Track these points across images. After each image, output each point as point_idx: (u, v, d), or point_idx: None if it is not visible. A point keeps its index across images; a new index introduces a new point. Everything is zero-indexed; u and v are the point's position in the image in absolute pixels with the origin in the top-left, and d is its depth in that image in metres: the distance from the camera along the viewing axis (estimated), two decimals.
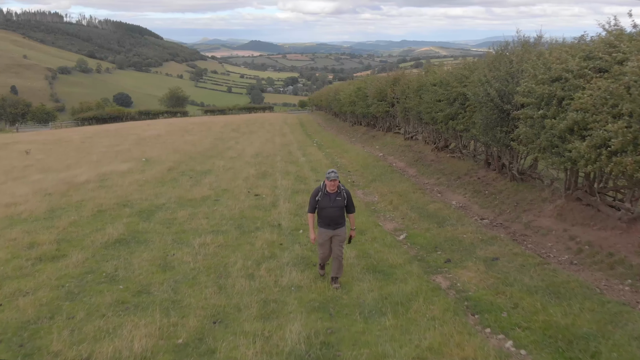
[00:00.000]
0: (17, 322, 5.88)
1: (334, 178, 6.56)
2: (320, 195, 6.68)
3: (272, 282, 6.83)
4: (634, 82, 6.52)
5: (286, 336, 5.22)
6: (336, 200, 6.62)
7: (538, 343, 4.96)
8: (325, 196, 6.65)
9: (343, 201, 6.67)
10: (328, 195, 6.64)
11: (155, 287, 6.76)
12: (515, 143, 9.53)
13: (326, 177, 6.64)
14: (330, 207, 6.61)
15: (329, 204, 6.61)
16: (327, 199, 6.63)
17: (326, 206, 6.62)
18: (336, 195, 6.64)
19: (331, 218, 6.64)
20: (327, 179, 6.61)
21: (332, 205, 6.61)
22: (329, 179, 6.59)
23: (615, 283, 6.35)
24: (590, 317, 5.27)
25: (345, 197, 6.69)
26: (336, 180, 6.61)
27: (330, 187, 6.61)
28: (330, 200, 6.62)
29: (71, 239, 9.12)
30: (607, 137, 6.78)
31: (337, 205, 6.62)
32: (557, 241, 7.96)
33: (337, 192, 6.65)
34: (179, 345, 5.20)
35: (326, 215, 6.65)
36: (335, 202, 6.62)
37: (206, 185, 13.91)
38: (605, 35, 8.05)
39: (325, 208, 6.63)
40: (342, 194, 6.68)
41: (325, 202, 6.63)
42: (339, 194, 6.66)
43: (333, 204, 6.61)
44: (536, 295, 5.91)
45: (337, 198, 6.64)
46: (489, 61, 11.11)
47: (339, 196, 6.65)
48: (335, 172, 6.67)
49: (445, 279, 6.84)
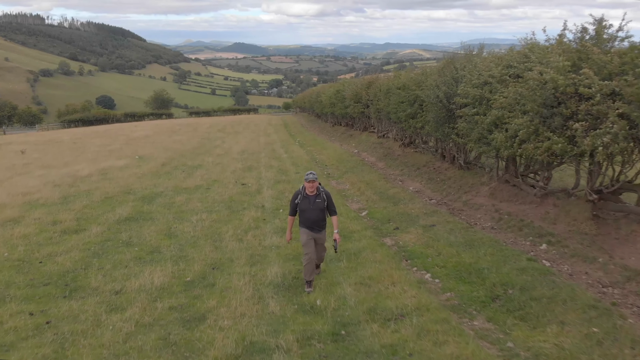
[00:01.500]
0: (58, 272, 7.65)
1: (312, 179, 6.54)
2: (299, 198, 6.65)
3: (257, 243, 8.70)
4: (536, 86, 8.53)
5: (267, 274, 7.10)
6: (316, 202, 6.60)
7: (448, 275, 6.93)
8: (305, 198, 6.62)
9: (323, 203, 6.64)
10: (307, 198, 6.61)
11: (164, 248, 8.58)
12: (457, 137, 11.53)
13: (305, 179, 6.62)
14: (310, 210, 6.59)
15: (309, 206, 6.60)
16: (306, 202, 6.61)
17: (306, 208, 6.60)
18: (316, 198, 6.61)
19: (312, 220, 6.61)
20: (306, 180, 6.59)
21: (312, 207, 6.59)
22: (307, 180, 6.57)
23: (520, 240, 8.35)
24: (489, 259, 7.25)
25: (325, 199, 6.66)
26: (315, 181, 6.58)
27: (309, 189, 6.59)
28: (310, 202, 6.60)
29: (87, 217, 10.88)
30: (517, 129, 8.77)
31: (317, 207, 6.60)
32: (485, 213, 9.96)
33: (316, 194, 6.63)
34: (187, 281, 7.04)
35: (307, 217, 6.62)
36: (315, 204, 6.60)
37: (198, 177, 15.71)
38: (521, 47, 10.08)
39: (306, 210, 6.61)
40: (321, 195, 6.65)
41: (305, 204, 6.61)
42: (319, 195, 6.63)
43: (313, 205, 6.59)
44: (455, 247, 7.89)
45: (317, 200, 6.61)
46: (439, 68, 13.14)
47: (318, 198, 6.62)
48: (314, 173, 6.67)
49: (391, 239, 8.80)
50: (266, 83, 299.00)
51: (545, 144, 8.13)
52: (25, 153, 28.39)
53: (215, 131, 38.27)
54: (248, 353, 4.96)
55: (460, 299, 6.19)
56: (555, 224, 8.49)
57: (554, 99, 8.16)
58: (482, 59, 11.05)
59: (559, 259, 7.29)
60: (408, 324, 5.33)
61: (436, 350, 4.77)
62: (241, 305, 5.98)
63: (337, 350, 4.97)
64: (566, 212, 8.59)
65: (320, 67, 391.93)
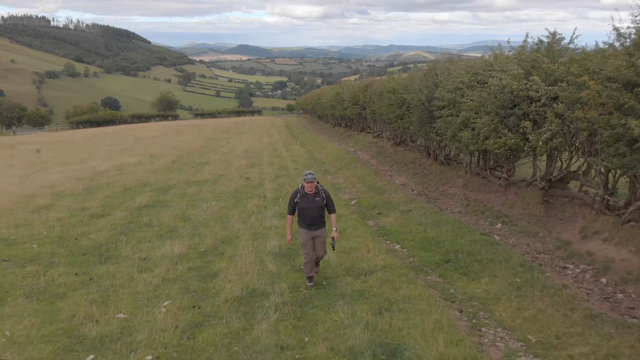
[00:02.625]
0: (92, 245, 9.19)
1: (311, 180, 6.66)
2: (298, 197, 6.78)
3: (259, 224, 10.23)
4: (496, 90, 10.02)
5: (267, 246, 8.62)
6: (315, 201, 6.72)
7: (414, 246, 8.45)
8: (304, 197, 6.75)
9: (322, 201, 6.76)
10: (307, 196, 6.74)
11: (180, 228, 10.12)
12: (436, 135, 13.03)
13: (303, 178, 6.75)
14: (309, 208, 6.72)
15: (308, 204, 6.72)
16: (305, 200, 6.74)
17: (305, 207, 6.73)
18: (315, 196, 6.74)
19: (311, 218, 6.73)
20: (305, 180, 6.70)
21: (311, 205, 6.71)
22: (306, 180, 6.68)
23: (480, 221, 9.85)
24: (449, 234, 8.75)
25: (324, 197, 6.79)
26: (313, 182, 6.70)
27: (308, 189, 6.71)
28: (309, 200, 6.73)
29: (111, 205, 12.44)
30: (480, 127, 10.27)
31: (316, 205, 6.72)
32: (457, 201, 11.47)
33: (315, 193, 6.75)
34: (202, 251, 8.57)
35: (306, 215, 6.75)
36: (314, 203, 6.72)
37: (206, 172, 17.26)
38: (489, 56, 11.58)
39: (305, 209, 6.73)
40: (320, 194, 6.78)
41: (304, 203, 6.74)
42: (318, 194, 6.76)
43: (312, 204, 6.71)
44: (424, 226, 9.42)
45: (316, 198, 6.73)
46: (422, 74, 14.65)
47: (317, 196, 6.74)
48: (313, 173, 6.79)
49: (373, 222, 10.32)
50: (270, 85, 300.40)
51: (502, 140, 9.63)
52: (41, 152, 30.05)
53: (220, 132, 39.86)
54: (251, 296, 6.48)
55: (420, 262, 7.71)
56: (512, 208, 9.99)
57: (510, 102, 9.66)
58: (456, 66, 12.53)
59: (508, 235, 8.80)
60: (375, 277, 6.85)
61: (393, 292, 6.28)
62: (245, 266, 7.50)
63: (319, 294, 6.49)
64: (522, 198, 10.09)
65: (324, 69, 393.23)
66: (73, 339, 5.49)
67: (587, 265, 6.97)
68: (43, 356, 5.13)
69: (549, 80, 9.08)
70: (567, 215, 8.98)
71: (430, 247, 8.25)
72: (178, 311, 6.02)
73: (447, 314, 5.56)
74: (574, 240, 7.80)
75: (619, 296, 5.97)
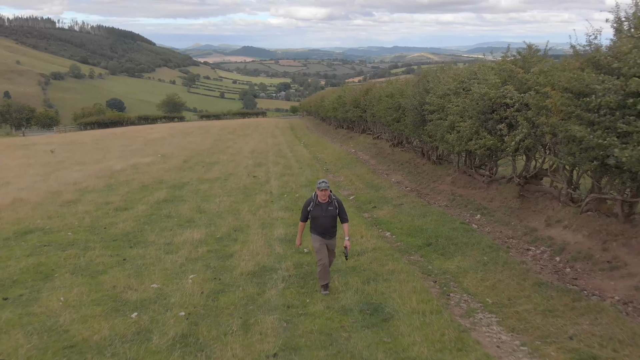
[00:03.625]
0: (120, 233, 10.47)
1: (324, 188, 6.66)
2: (312, 206, 6.78)
3: (267, 216, 11.50)
4: (478, 97, 11.26)
5: (274, 233, 9.89)
6: (328, 210, 6.73)
7: (402, 233, 9.72)
8: (317, 206, 6.76)
9: (335, 210, 6.77)
10: (320, 205, 6.75)
11: (197, 219, 11.40)
12: (427, 137, 14.28)
13: (317, 187, 6.75)
14: (322, 217, 6.74)
15: (321, 213, 6.73)
16: (319, 209, 6.75)
17: (318, 215, 6.74)
18: (328, 205, 6.75)
19: (324, 227, 6.77)
20: (318, 189, 6.71)
21: (324, 214, 6.73)
22: (319, 188, 6.68)
23: (462, 213, 11.10)
24: (433, 223, 10.01)
25: (337, 207, 6.79)
26: (327, 190, 6.70)
27: (321, 197, 6.73)
28: (322, 210, 6.73)
29: (132, 199, 13.74)
30: (464, 130, 11.51)
31: (329, 214, 6.74)
32: (444, 196, 12.72)
33: (328, 202, 6.77)
34: (218, 237, 9.84)
35: (319, 224, 6.78)
36: (327, 212, 6.73)
37: (216, 171, 18.56)
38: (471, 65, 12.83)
39: (318, 217, 6.75)
40: (333, 203, 6.78)
41: (317, 211, 6.75)
42: (331, 203, 6.77)
43: (325, 213, 6.73)
44: (412, 217, 10.68)
45: (329, 208, 6.74)
46: (415, 80, 15.91)
47: (330, 206, 6.75)
48: (326, 182, 6.78)
49: (368, 214, 11.59)
50: (274, 86, 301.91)
51: (482, 141, 10.88)
52: (55, 152, 31.41)
53: (227, 133, 41.19)
54: (262, 271, 7.75)
55: (405, 245, 8.98)
56: (491, 201, 11.23)
57: (489, 108, 10.90)
58: (445, 74, 13.77)
59: (485, 224, 10.05)
60: (366, 257, 8.11)
61: (380, 267, 7.55)
62: (256, 249, 8.77)
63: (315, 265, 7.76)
64: (501, 193, 11.33)
65: (328, 71, 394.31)
66: (118, 303, 6.76)
67: (546, 247, 8.22)
68: (95, 314, 6.40)
69: (523, 88, 10.31)
70: (538, 207, 10.21)
71: (415, 234, 9.51)
72: (202, 282, 7.30)
73: (423, 283, 6.83)
74: (540, 228, 9.05)
75: (566, 270, 7.22)
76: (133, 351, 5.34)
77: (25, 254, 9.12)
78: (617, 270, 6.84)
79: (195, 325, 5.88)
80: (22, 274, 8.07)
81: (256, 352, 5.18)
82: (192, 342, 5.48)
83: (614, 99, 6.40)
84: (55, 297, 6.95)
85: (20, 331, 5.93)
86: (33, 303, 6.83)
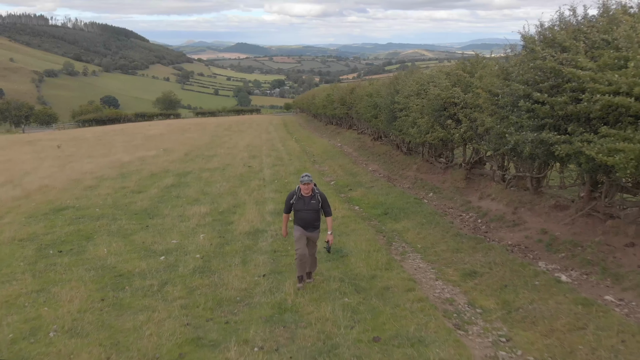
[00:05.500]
0: (139, 209, 12.82)
1: (307, 182, 6.71)
2: (294, 199, 6.83)
3: (260, 196, 13.89)
4: (433, 98, 13.67)
5: (266, 208, 12.28)
6: (310, 204, 6.78)
7: (368, 206, 12.17)
8: (300, 199, 6.80)
9: (318, 204, 6.81)
10: (302, 199, 6.79)
11: (202, 199, 13.77)
12: (396, 131, 16.72)
13: (300, 180, 6.81)
14: (304, 210, 6.79)
15: (303, 206, 6.79)
16: (301, 202, 6.80)
17: (301, 209, 6.80)
18: (310, 199, 6.79)
19: (306, 221, 6.83)
20: (301, 182, 6.75)
21: (306, 208, 6.78)
22: (302, 182, 6.73)
23: (419, 192, 13.54)
24: (393, 199, 12.45)
25: (320, 200, 6.85)
26: (310, 183, 6.74)
27: (304, 191, 6.77)
28: (305, 203, 6.78)
29: (144, 185, 16.09)
30: (422, 125, 13.92)
31: (311, 208, 6.78)
32: (409, 180, 15.17)
33: (311, 196, 6.81)
34: (220, 211, 12.23)
35: (301, 217, 6.84)
36: (309, 205, 6.77)
37: (215, 162, 20.93)
38: (430, 70, 15.26)
39: (300, 211, 6.81)
40: (316, 197, 6.82)
41: (299, 205, 6.80)
42: (314, 197, 6.82)
43: (307, 206, 6.77)
44: (378, 195, 13.12)
45: (312, 201, 6.78)
46: (388, 81, 18.33)
47: (313, 199, 6.79)
48: (309, 175, 6.85)
49: (344, 195, 14.03)
50: (268, 83, 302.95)
51: (436, 134, 13.31)
52: (61, 147, 33.58)
53: (222, 130, 43.46)
54: (255, 231, 10.16)
55: (368, 214, 11.44)
56: (444, 183, 13.69)
57: (441, 106, 13.31)
58: (412, 78, 16.18)
59: (435, 199, 12.50)
60: (336, 222, 10.45)
61: (345, 227, 9.99)
62: (251, 218, 11.17)
63: None
64: (452, 176, 13.78)
65: (323, 68, 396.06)
66: (148, 251, 9.14)
67: (474, 213, 10.68)
68: (133, 258, 8.77)
69: (467, 90, 12.74)
70: (480, 187, 12.65)
71: (377, 207, 11.97)
72: (210, 238, 9.71)
73: (374, 236, 9.29)
74: (474, 200, 11.52)
75: (482, 227, 9.68)
76: (166, 276, 7.74)
77: (66, 223, 11.47)
78: (518, 226, 9.31)
79: (208, 262, 8.30)
80: (67, 236, 10.42)
81: (251, 274, 7.61)
82: (206, 270, 7.90)
83: (509, 99, 8.84)
84: (100, 249, 9.33)
85: (80, 268, 8.32)
86: (83, 253, 9.20)
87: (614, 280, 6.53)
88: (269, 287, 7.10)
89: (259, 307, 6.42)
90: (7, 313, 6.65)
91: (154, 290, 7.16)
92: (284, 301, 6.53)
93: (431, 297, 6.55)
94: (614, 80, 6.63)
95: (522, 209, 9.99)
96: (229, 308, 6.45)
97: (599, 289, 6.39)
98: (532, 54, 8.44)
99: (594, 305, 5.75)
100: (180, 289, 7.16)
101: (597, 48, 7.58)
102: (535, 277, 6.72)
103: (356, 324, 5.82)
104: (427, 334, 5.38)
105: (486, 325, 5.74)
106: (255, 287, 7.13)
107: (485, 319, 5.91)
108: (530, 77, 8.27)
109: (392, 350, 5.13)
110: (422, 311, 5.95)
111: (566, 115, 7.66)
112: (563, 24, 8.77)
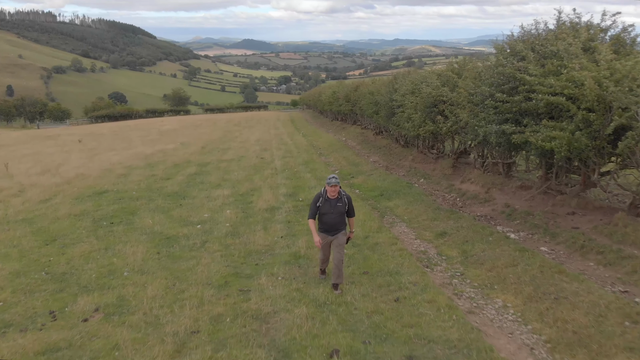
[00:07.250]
0: (170, 192, 14.92)
1: (334, 184, 6.57)
2: (321, 201, 6.68)
3: (273, 182, 15.97)
4: (425, 95, 15.66)
5: (280, 192, 14.35)
6: (337, 206, 6.65)
7: (367, 189, 14.22)
8: (326, 202, 6.66)
9: (344, 207, 6.70)
10: (329, 201, 6.66)
11: (223, 184, 15.86)
12: (394, 126, 18.74)
13: (327, 182, 6.65)
14: (330, 213, 6.65)
15: (329, 209, 6.65)
16: (327, 205, 6.66)
17: (327, 212, 6.66)
18: (337, 201, 6.66)
19: (331, 224, 6.69)
20: (328, 184, 6.60)
21: (332, 211, 6.64)
22: (329, 184, 6.58)
23: (412, 178, 15.56)
24: (388, 184, 14.49)
25: (346, 203, 6.74)
26: (337, 185, 6.59)
27: (330, 193, 6.63)
28: (331, 206, 6.65)
29: (170, 173, 18.22)
30: (415, 120, 15.92)
31: (337, 211, 6.65)
32: (404, 169, 17.20)
33: (338, 198, 6.68)
34: (240, 194, 14.31)
35: (326, 221, 6.70)
36: (335, 208, 6.64)
37: (230, 154, 23.04)
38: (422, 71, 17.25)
39: (326, 214, 6.67)
40: (343, 199, 6.70)
41: (326, 208, 6.66)
42: (340, 199, 6.69)
43: (334, 209, 6.64)
44: (376, 181, 15.17)
45: (338, 204, 6.66)
46: (388, 81, 20.33)
47: (339, 202, 6.67)
48: (336, 177, 6.67)
49: (347, 181, 16.09)
50: (275, 80, 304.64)
51: (427, 128, 15.32)
52: (82, 142, 35.75)
53: (232, 125, 45.58)
54: (272, 208, 12.22)
55: (366, 195, 13.49)
56: (434, 170, 15.71)
57: (432, 103, 15.31)
58: (409, 77, 18.17)
59: (424, 184, 14.53)
60: None
61: None
62: (267, 198, 13.23)
63: (305, 209, 12.21)
64: (441, 165, 15.80)
65: (329, 64, 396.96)
66: (186, 222, 11.23)
67: (455, 194, 12.71)
68: (175, 226, 10.86)
69: (454, 89, 14.72)
70: (465, 174, 14.65)
71: (374, 190, 14.03)
72: (235, 213, 11.79)
73: (370, 211, 11.34)
74: (456, 184, 13.54)
75: (459, 203, 11.72)
76: (204, 237, 9.85)
77: (110, 203, 13.59)
78: (487, 202, 11.34)
79: (237, 229, 10.41)
80: (115, 212, 12.54)
81: (272, 235, 9.71)
82: (236, 234, 10.01)
83: (480, 98, 10.86)
84: (145, 221, 11.42)
85: (134, 233, 10.43)
86: (132, 224, 11.31)
87: (551, 237, 8.56)
88: (287, 243, 9.19)
89: (279, 256, 8.51)
90: (85, 262, 8.76)
91: (197, 247, 9.26)
92: (298, 251, 8.62)
93: (409, 249, 8.63)
94: (551, 84, 8.64)
95: (493, 189, 12.00)
96: (257, 256, 8.55)
97: (538, 243, 8.42)
98: (498, 61, 10.46)
99: (528, 251, 7.79)
100: (217, 245, 9.26)
101: (546, 57, 9.59)
102: (490, 235, 8.77)
103: (352, 265, 7.89)
104: (402, 269, 7.46)
105: (447, 266, 7.81)
106: (275, 244, 9.22)
107: (448, 262, 7.98)
108: (495, 80, 10.29)
109: (376, 278, 7.21)
110: (401, 256, 8.03)
111: (521, 111, 9.67)
112: (525, 36, 10.78)
